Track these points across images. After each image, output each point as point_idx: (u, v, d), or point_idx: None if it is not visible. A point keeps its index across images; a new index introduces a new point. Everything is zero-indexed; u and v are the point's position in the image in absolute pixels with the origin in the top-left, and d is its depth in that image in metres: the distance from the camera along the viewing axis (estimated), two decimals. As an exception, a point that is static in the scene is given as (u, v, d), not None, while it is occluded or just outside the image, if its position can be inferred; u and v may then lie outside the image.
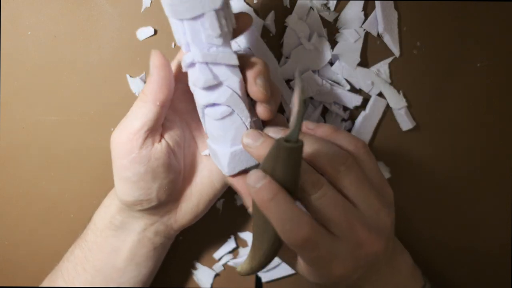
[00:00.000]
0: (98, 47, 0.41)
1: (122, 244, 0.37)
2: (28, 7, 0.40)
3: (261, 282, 0.45)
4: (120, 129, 0.33)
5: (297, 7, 0.39)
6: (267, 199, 0.27)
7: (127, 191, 0.34)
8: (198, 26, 0.29)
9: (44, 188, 0.43)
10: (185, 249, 0.44)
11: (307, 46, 0.40)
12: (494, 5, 0.41)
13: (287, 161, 0.27)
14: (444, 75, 0.42)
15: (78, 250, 0.38)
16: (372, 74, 0.41)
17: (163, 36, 0.40)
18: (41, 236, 0.44)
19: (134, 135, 0.32)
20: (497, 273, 0.45)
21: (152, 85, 0.32)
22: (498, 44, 0.41)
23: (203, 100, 0.31)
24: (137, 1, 0.40)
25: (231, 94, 0.31)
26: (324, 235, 0.29)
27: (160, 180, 0.34)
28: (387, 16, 0.40)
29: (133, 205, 0.34)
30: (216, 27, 0.29)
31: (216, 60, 0.30)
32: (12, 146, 0.42)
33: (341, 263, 0.29)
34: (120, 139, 0.33)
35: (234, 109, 0.31)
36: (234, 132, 0.32)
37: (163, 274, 0.43)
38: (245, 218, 0.44)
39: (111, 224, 0.37)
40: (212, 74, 0.30)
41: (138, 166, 0.33)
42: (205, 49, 0.30)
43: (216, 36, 0.30)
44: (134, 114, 0.33)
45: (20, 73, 0.41)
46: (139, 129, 0.32)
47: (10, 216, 0.44)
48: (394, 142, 0.43)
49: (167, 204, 0.36)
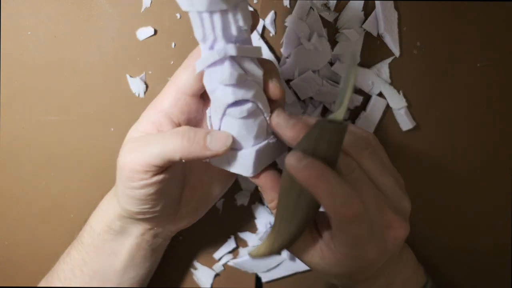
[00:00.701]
0: (98, 47, 0.41)
1: (121, 247, 0.37)
2: (28, 7, 0.40)
3: (261, 282, 0.45)
4: (134, 156, 0.31)
5: (297, 7, 0.39)
6: (315, 176, 0.26)
7: (133, 204, 0.33)
8: (229, 18, 0.28)
9: (44, 188, 0.43)
10: (185, 249, 0.44)
11: (307, 46, 0.40)
12: (494, 5, 0.41)
13: (331, 141, 0.27)
14: (444, 75, 0.42)
15: (74, 252, 0.38)
16: (372, 74, 0.41)
17: (163, 36, 0.40)
18: (41, 236, 0.44)
19: (151, 167, 0.31)
20: (497, 273, 0.46)
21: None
22: (498, 44, 0.41)
23: (231, 97, 0.29)
24: (137, 1, 0.40)
25: (258, 88, 0.30)
26: (366, 214, 0.29)
27: (167, 196, 0.34)
28: (387, 16, 0.40)
29: (136, 214, 0.34)
30: (248, 18, 0.28)
31: (247, 53, 0.29)
32: (12, 146, 0.42)
33: (375, 244, 0.29)
34: (133, 167, 0.31)
35: (259, 104, 0.30)
36: (257, 128, 0.31)
37: (163, 274, 0.43)
38: (245, 218, 0.44)
39: (109, 228, 0.36)
40: (243, 69, 0.29)
41: (148, 189, 0.32)
42: (236, 43, 0.29)
43: (247, 28, 0.29)
44: (153, 147, 0.30)
45: (20, 73, 0.41)
46: (156, 166, 0.30)
47: (10, 216, 0.44)
48: (394, 142, 0.43)
49: (169, 211, 0.36)
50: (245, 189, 0.43)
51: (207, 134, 0.30)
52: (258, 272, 0.45)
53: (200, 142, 0.30)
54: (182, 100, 0.32)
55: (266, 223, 0.44)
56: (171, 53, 0.40)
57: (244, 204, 0.44)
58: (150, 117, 0.33)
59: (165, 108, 0.32)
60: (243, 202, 0.44)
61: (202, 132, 0.30)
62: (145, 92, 0.41)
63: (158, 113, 0.33)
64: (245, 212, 0.44)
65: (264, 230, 0.44)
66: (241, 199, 0.43)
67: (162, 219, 0.36)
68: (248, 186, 0.43)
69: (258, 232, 0.44)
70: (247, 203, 0.44)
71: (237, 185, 0.43)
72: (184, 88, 0.32)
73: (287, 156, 0.27)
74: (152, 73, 0.41)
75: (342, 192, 0.27)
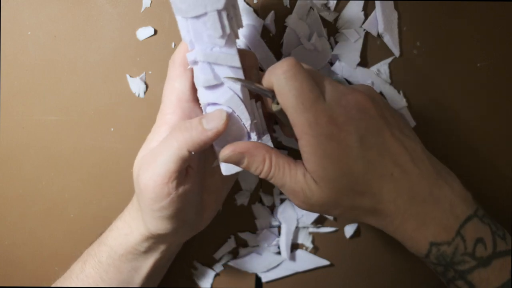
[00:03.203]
0: (98, 47, 0.41)
1: (144, 264, 0.37)
2: (28, 7, 0.40)
3: (261, 282, 0.45)
4: (151, 172, 0.31)
5: (297, 7, 0.39)
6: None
7: (163, 226, 0.33)
8: (200, 25, 0.29)
9: (44, 188, 0.43)
10: (185, 249, 0.44)
11: (307, 46, 0.40)
12: (494, 5, 0.41)
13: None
14: (444, 75, 0.42)
15: (91, 269, 0.37)
16: (372, 74, 0.41)
17: (163, 36, 0.40)
18: (41, 236, 0.44)
19: (171, 174, 0.31)
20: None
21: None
22: (498, 44, 0.41)
23: (204, 98, 0.32)
24: (137, 1, 0.40)
25: (232, 95, 0.31)
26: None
27: (193, 207, 0.34)
28: (387, 16, 0.40)
29: (167, 236, 0.34)
30: (218, 28, 0.29)
31: (217, 61, 0.30)
32: (12, 146, 0.42)
33: (343, 131, 0.30)
34: (154, 183, 0.31)
35: (235, 110, 0.31)
36: (234, 133, 0.32)
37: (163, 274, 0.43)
38: (245, 218, 0.44)
39: (135, 250, 0.36)
40: (213, 74, 0.30)
41: (177, 204, 0.32)
42: (208, 49, 0.30)
43: (218, 37, 0.30)
44: (162, 154, 0.31)
45: (20, 73, 0.41)
46: (174, 171, 0.31)
47: (10, 216, 0.44)
48: (394, 142, 0.43)
49: (194, 220, 0.36)
50: (245, 189, 0.43)
51: (201, 118, 0.31)
52: (258, 272, 0.45)
53: (198, 127, 0.30)
54: (187, 108, 0.33)
55: (266, 223, 0.44)
56: (171, 53, 0.40)
57: (244, 204, 0.44)
58: (163, 134, 0.33)
59: (176, 121, 0.33)
60: (243, 202, 0.44)
61: (196, 119, 0.31)
62: (145, 92, 0.41)
63: (170, 128, 0.33)
64: (245, 212, 0.44)
65: (264, 230, 0.44)
66: (241, 199, 0.43)
67: (189, 230, 0.36)
68: (248, 186, 0.43)
69: (258, 232, 0.44)
70: (247, 203, 0.44)
71: (237, 185, 0.43)
72: (184, 96, 0.33)
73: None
74: (152, 73, 0.41)
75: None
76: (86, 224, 0.44)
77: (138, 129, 0.41)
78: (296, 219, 0.43)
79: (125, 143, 0.42)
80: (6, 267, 0.44)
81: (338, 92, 0.31)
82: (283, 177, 0.31)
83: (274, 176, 0.32)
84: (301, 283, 0.45)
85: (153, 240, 0.35)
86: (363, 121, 0.31)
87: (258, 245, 0.44)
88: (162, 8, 0.40)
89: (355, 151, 0.30)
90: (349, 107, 0.30)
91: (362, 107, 0.31)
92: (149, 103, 0.41)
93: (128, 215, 0.36)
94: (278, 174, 0.31)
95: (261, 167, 0.31)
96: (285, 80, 0.29)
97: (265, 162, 0.31)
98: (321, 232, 0.44)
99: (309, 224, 0.44)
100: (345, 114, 0.30)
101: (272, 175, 0.32)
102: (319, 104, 0.30)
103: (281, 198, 0.44)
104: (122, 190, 0.43)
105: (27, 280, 0.44)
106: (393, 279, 0.45)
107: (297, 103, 0.29)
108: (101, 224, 0.39)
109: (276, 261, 0.44)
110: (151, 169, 0.31)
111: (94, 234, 0.39)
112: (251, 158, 0.31)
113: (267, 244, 0.44)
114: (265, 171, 0.31)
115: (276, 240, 0.44)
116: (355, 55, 0.40)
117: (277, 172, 0.31)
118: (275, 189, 0.43)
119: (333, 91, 0.31)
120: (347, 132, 0.30)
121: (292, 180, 0.31)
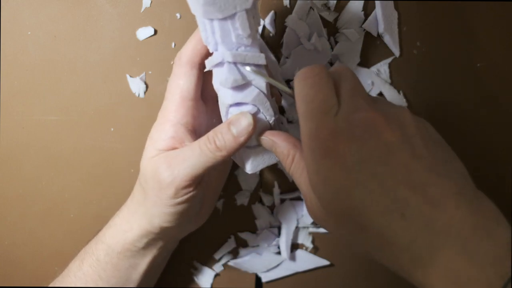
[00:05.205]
0: (98, 47, 0.41)
1: (142, 260, 0.37)
2: (28, 7, 0.40)
3: (261, 282, 0.45)
4: (177, 171, 0.32)
5: (297, 7, 0.39)
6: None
7: (170, 218, 0.34)
8: (228, 26, 0.29)
9: (44, 188, 0.43)
10: (185, 249, 0.44)
11: (307, 46, 0.40)
12: (494, 5, 0.41)
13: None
14: (444, 75, 0.42)
15: (88, 267, 0.37)
16: (372, 74, 0.41)
17: (163, 36, 0.40)
18: (41, 236, 0.44)
19: (194, 181, 0.32)
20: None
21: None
22: (498, 44, 0.41)
23: (230, 99, 0.31)
24: (137, 1, 0.40)
25: (258, 93, 0.31)
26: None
27: (200, 202, 0.35)
28: (387, 16, 0.40)
29: (171, 230, 0.35)
30: (247, 27, 0.29)
31: (245, 60, 0.30)
32: (12, 146, 0.42)
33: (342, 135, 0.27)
34: (179, 182, 0.32)
35: (260, 108, 0.32)
36: (258, 130, 0.32)
37: (163, 274, 0.43)
38: (245, 218, 0.44)
39: (134, 246, 0.36)
40: (241, 74, 0.30)
41: (191, 202, 0.33)
42: (234, 49, 0.30)
43: (246, 36, 0.30)
44: (193, 157, 0.32)
45: (20, 73, 0.41)
46: (201, 175, 0.32)
47: (10, 216, 0.44)
48: (394, 142, 0.43)
49: (195, 215, 0.36)
50: (245, 189, 0.43)
51: (229, 125, 0.31)
52: (258, 272, 0.45)
53: (229, 136, 0.31)
54: (191, 106, 0.33)
55: (266, 223, 0.44)
56: (171, 53, 0.40)
57: (244, 204, 0.44)
58: (168, 132, 0.33)
59: (179, 119, 0.33)
60: (243, 202, 0.44)
61: (225, 127, 0.31)
62: (145, 92, 0.41)
63: (174, 126, 0.33)
64: (245, 212, 0.44)
65: (264, 230, 0.44)
66: (241, 199, 0.44)
67: (190, 225, 0.37)
68: (248, 186, 0.43)
69: (258, 232, 0.44)
70: (247, 203, 0.44)
71: (237, 185, 0.43)
72: (189, 94, 0.33)
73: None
74: (152, 73, 0.41)
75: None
76: (86, 224, 0.44)
77: (138, 129, 0.41)
78: (296, 219, 0.43)
79: (125, 143, 0.42)
80: (6, 267, 0.44)
81: (352, 107, 0.27)
82: (299, 178, 0.30)
83: (293, 174, 0.31)
84: (301, 283, 0.45)
85: (152, 236, 0.35)
86: (368, 144, 0.26)
87: (258, 245, 0.44)
88: (162, 8, 0.40)
89: (353, 175, 0.26)
90: (355, 124, 0.26)
91: (371, 128, 0.26)
92: (149, 103, 0.41)
93: (127, 211, 0.36)
94: (296, 173, 0.31)
95: (285, 159, 0.31)
96: (303, 86, 0.29)
97: (288, 157, 0.31)
98: (321, 232, 0.44)
99: (309, 224, 0.44)
100: (349, 131, 0.26)
101: (292, 173, 0.31)
102: (326, 116, 0.27)
103: (281, 198, 0.44)
104: (122, 190, 0.43)
105: (27, 280, 0.44)
106: (393, 279, 0.45)
107: (306, 110, 0.28)
108: (101, 224, 0.39)
109: (276, 261, 0.44)
110: (177, 170, 0.32)
111: (94, 234, 0.39)
112: (279, 149, 0.31)
113: (267, 244, 0.44)
114: (286, 165, 0.31)
115: (276, 240, 0.44)
116: (355, 55, 0.40)
117: (295, 172, 0.31)
118: (275, 189, 0.43)
119: (349, 105, 0.27)
120: (345, 151, 0.26)
121: (306, 185, 0.29)
